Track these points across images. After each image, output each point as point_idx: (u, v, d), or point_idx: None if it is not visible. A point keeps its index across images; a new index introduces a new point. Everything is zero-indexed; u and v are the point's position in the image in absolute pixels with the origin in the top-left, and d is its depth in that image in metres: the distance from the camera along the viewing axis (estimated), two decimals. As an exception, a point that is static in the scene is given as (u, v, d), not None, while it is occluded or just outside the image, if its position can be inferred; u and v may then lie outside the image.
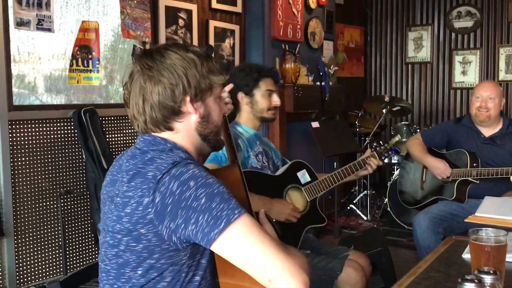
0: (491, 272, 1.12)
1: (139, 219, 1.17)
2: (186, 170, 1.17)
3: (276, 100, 2.37)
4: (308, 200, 2.30)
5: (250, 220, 1.15)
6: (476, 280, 1.06)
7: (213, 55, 1.45)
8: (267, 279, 1.12)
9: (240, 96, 2.35)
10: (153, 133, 1.31)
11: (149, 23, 3.50)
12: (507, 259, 1.32)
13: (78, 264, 3.15)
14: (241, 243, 1.12)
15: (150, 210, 1.16)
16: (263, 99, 2.35)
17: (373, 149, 2.50)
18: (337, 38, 5.78)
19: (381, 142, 3.13)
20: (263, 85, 2.35)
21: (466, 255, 1.57)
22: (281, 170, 2.37)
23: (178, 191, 1.14)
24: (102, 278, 1.30)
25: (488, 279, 1.10)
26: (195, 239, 1.14)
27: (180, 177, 1.16)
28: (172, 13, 3.70)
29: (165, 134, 1.30)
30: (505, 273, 1.31)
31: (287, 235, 2.18)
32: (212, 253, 1.27)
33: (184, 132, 1.31)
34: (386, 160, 2.48)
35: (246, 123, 2.38)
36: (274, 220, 2.17)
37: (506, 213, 2.08)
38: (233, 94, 2.35)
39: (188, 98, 1.27)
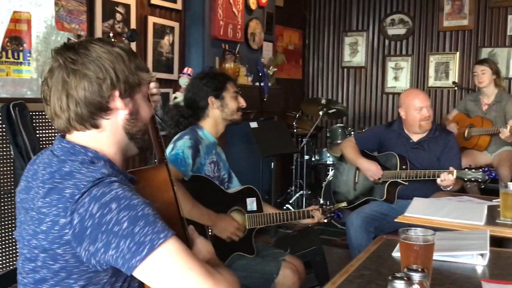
0: (419, 270, 1.16)
1: (55, 238, 1.10)
2: (109, 191, 1.08)
3: (242, 101, 2.45)
4: (247, 227, 2.32)
5: (176, 243, 1.09)
6: (405, 278, 1.10)
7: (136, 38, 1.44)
8: None
9: (211, 100, 2.36)
10: (76, 132, 1.21)
11: (84, 16, 3.39)
12: (434, 258, 1.39)
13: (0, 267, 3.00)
14: (167, 269, 1.06)
15: (67, 231, 1.08)
16: (232, 101, 2.40)
17: (320, 206, 2.58)
18: (276, 40, 5.85)
19: (328, 202, 3.33)
20: (231, 87, 2.41)
21: (396, 254, 1.62)
22: (233, 190, 2.40)
23: (98, 213, 1.06)
24: None
25: (416, 276, 1.15)
26: (116, 264, 1.07)
27: (101, 199, 1.07)
28: (109, 7, 3.60)
29: (89, 135, 1.21)
30: (432, 270, 1.37)
31: None
32: None
33: (111, 130, 1.22)
34: (325, 221, 2.60)
35: (209, 129, 2.39)
36: (211, 234, 2.18)
37: (433, 213, 2.18)
38: (200, 100, 2.37)
39: (117, 93, 1.19)
